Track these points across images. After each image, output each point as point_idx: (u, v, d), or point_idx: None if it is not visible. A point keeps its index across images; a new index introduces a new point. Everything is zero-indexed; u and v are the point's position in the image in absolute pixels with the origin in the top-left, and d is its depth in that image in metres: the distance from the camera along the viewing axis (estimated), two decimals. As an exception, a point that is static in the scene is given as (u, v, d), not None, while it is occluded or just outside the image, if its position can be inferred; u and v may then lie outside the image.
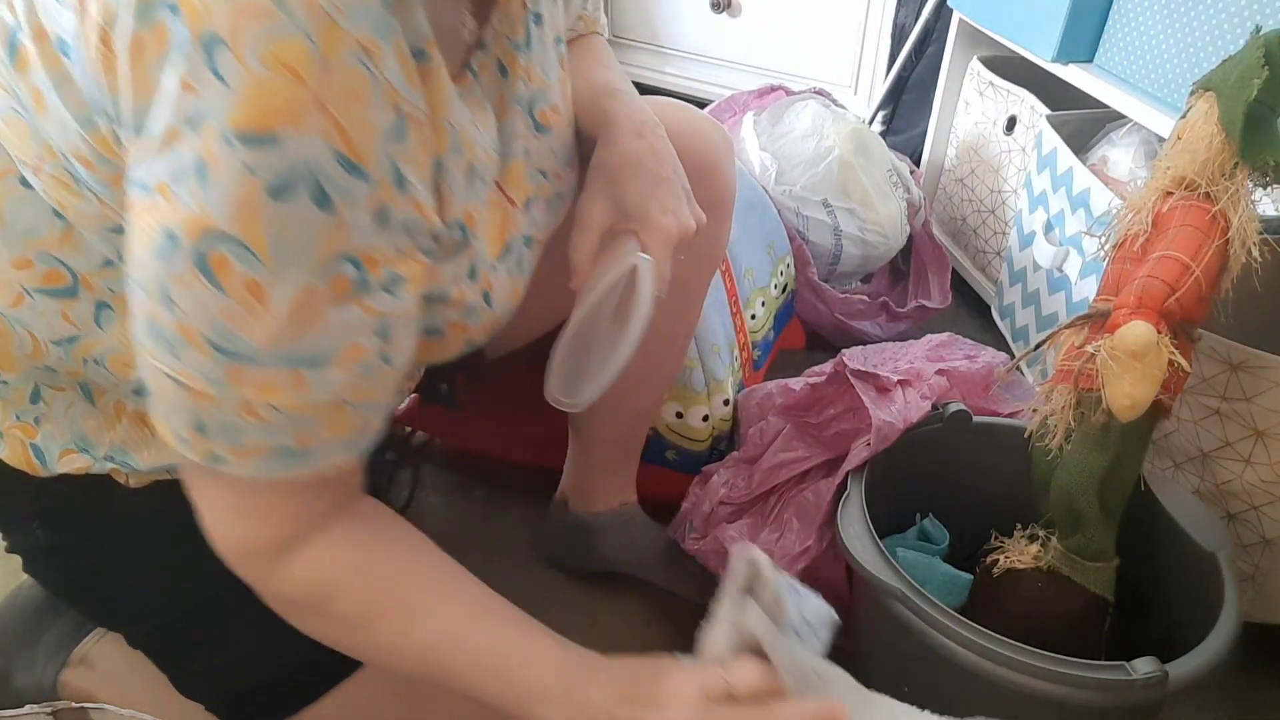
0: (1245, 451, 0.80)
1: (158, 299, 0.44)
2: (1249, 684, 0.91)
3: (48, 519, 0.65)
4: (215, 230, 0.42)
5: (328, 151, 0.42)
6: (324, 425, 0.49)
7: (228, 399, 0.46)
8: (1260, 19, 0.89)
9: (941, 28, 1.61)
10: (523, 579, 1.00)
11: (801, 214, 1.34)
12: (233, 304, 0.43)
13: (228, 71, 0.39)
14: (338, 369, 0.47)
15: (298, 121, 0.40)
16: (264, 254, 0.42)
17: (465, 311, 0.57)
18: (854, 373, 0.87)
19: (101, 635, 0.77)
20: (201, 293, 0.43)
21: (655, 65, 2.09)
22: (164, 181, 0.42)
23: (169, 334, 0.45)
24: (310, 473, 0.51)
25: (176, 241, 0.42)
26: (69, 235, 0.53)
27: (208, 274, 0.42)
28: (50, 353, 0.58)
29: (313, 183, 0.42)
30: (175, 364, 0.45)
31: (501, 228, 0.60)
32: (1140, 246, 0.73)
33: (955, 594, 0.80)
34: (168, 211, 0.42)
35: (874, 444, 0.80)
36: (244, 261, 0.42)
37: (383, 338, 0.49)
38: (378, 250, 0.46)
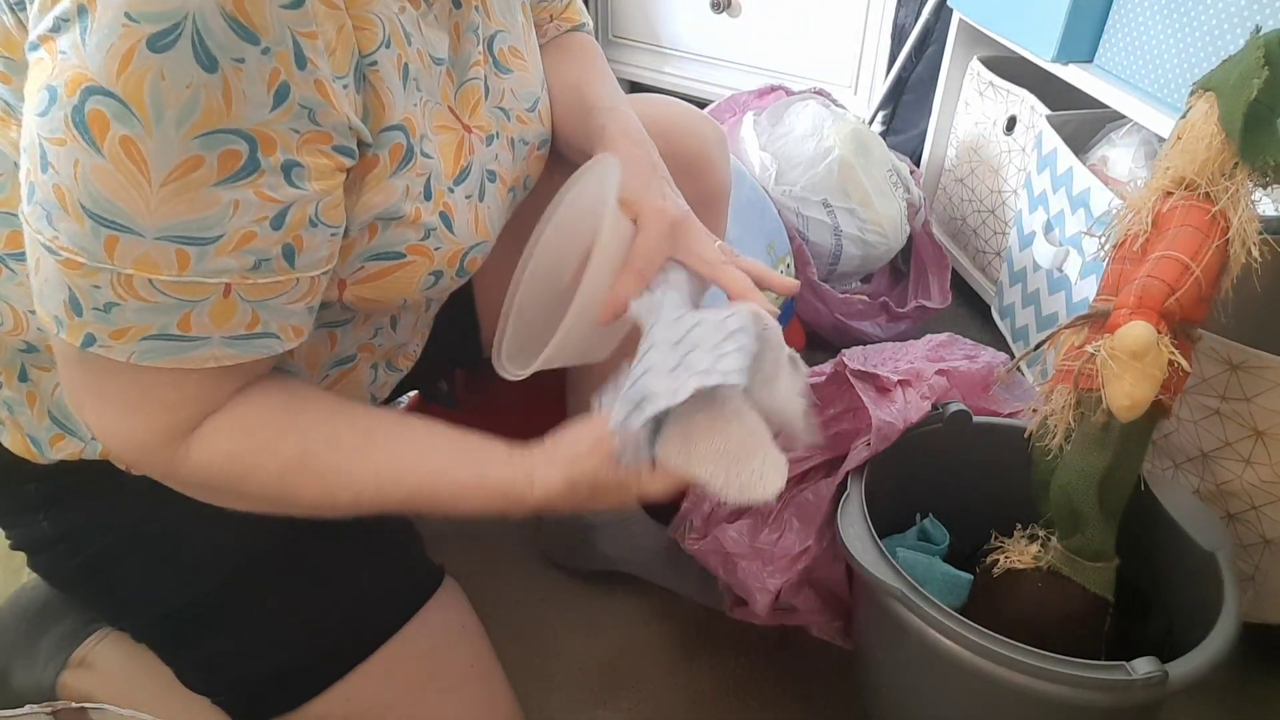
0: (1245, 451, 0.80)
1: (36, 161, 0.43)
2: (1249, 684, 0.91)
3: (52, 510, 0.65)
4: (93, 83, 0.40)
5: (213, 5, 0.40)
6: (209, 313, 0.48)
7: (104, 273, 0.44)
8: (1260, 19, 0.89)
9: (941, 28, 1.61)
10: (523, 579, 1.00)
11: (801, 214, 1.34)
12: (109, 166, 0.42)
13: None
14: (226, 254, 0.46)
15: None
16: (143, 113, 0.41)
17: (423, 232, 0.56)
18: (854, 373, 0.87)
19: (102, 638, 0.77)
20: (77, 152, 0.41)
21: (655, 65, 2.09)
22: (47, 34, 0.41)
23: (46, 199, 0.43)
24: (194, 363, 0.49)
25: (55, 96, 0.41)
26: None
27: (84, 131, 0.41)
28: (29, 325, 0.57)
29: (196, 38, 0.40)
30: (51, 232, 0.44)
31: (457, 150, 0.59)
32: (1140, 246, 0.73)
33: (955, 594, 0.80)
34: (49, 66, 0.41)
35: (874, 444, 0.80)
36: (121, 120, 0.41)
37: (278, 228, 0.47)
38: (273, 130, 0.44)
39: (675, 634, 0.96)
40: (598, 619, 0.97)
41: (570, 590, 1.00)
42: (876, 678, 0.81)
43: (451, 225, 0.59)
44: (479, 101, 0.63)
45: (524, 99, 0.68)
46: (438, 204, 0.57)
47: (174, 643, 0.69)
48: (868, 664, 0.82)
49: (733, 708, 0.89)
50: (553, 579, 1.01)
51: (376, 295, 0.59)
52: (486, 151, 0.63)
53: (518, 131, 0.67)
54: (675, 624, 0.97)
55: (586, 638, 0.95)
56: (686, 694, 0.90)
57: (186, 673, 0.70)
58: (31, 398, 0.61)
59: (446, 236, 0.58)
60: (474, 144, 0.61)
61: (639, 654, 0.94)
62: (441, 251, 0.59)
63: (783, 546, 0.85)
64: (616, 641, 0.95)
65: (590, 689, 0.90)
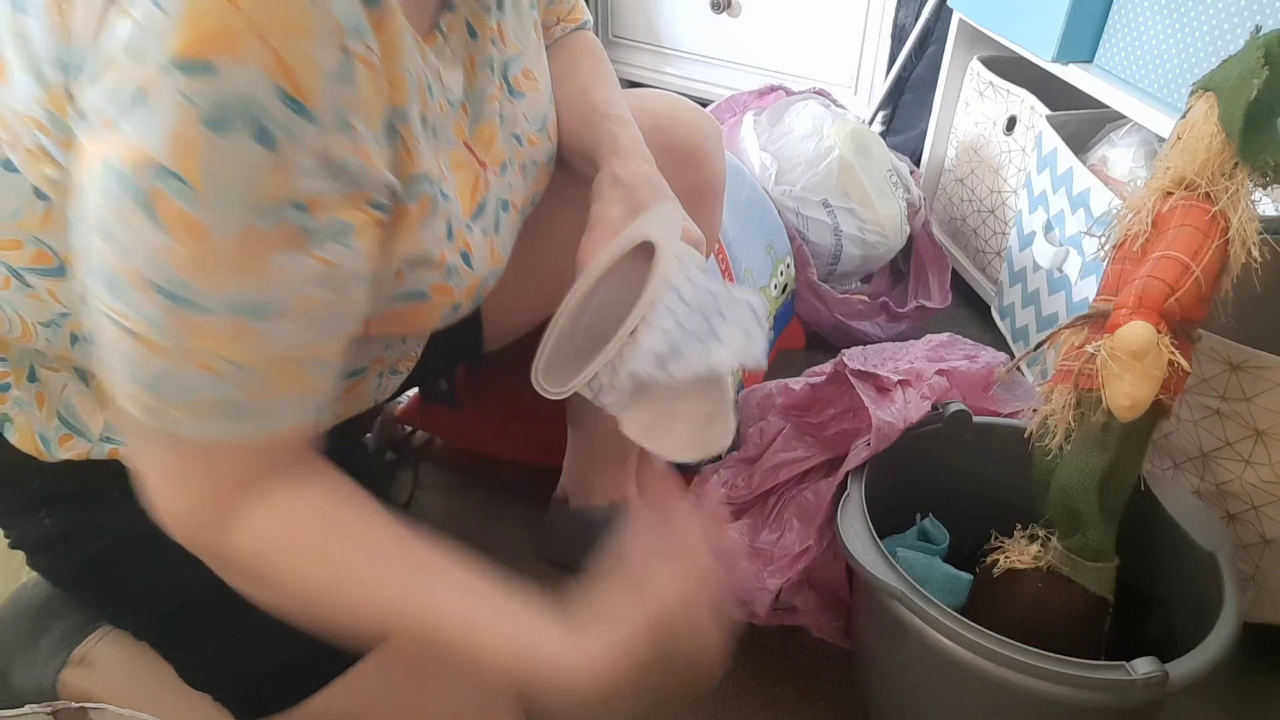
0: (1245, 451, 0.80)
1: (101, 236, 0.43)
2: (1249, 684, 0.91)
3: (54, 508, 0.65)
4: (153, 162, 0.41)
5: (268, 86, 0.41)
6: (274, 381, 0.48)
7: (174, 348, 0.45)
8: (1260, 19, 0.89)
9: (941, 28, 1.61)
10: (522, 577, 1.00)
11: (801, 214, 1.34)
12: (172, 243, 0.42)
13: (165, 1, 0.39)
14: (287, 320, 0.46)
15: (235, 50, 0.40)
16: (202, 189, 0.41)
17: (446, 272, 0.57)
18: (854, 373, 0.87)
19: (102, 636, 0.77)
20: (142, 230, 0.42)
21: (655, 65, 2.09)
22: (104, 111, 0.41)
23: (114, 275, 0.44)
24: (262, 433, 0.49)
25: (116, 174, 0.41)
26: (50, 215, 0.52)
27: (147, 209, 0.41)
28: (38, 335, 0.58)
29: (252, 118, 0.41)
30: (121, 308, 0.44)
31: (473, 187, 0.60)
32: (1140, 246, 0.73)
33: (955, 594, 0.80)
34: (108, 143, 0.41)
35: (874, 444, 0.80)
36: (182, 197, 0.41)
37: (334, 290, 0.48)
38: (324, 196, 0.45)
39: (675, 634, 0.96)
40: (598, 619, 0.97)
41: (570, 590, 1.00)
42: (876, 678, 0.81)
43: (470, 261, 0.59)
44: (495, 134, 0.63)
45: (534, 120, 0.68)
46: (458, 243, 0.58)
47: (175, 641, 0.69)
48: (868, 664, 0.82)
49: (733, 708, 0.89)
50: (553, 579, 1.01)
51: (398, 329, 0.59)
52: (500, 181, 0.64)
53: (529, 154, 0.68)
54: (675, 624, 0.97)
55: (586, 638, 0.95)
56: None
57: (187, 670, 0.69)
58: (40, 398, 0.62)
59: (466, 273, 0.59)
60: (489, 178, 0.62)
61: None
62: (461, 287, 0.59)
63: (783, 546, 0.85)
64: (616, 641, 0.95)
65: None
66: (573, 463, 0.99)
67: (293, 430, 0.51)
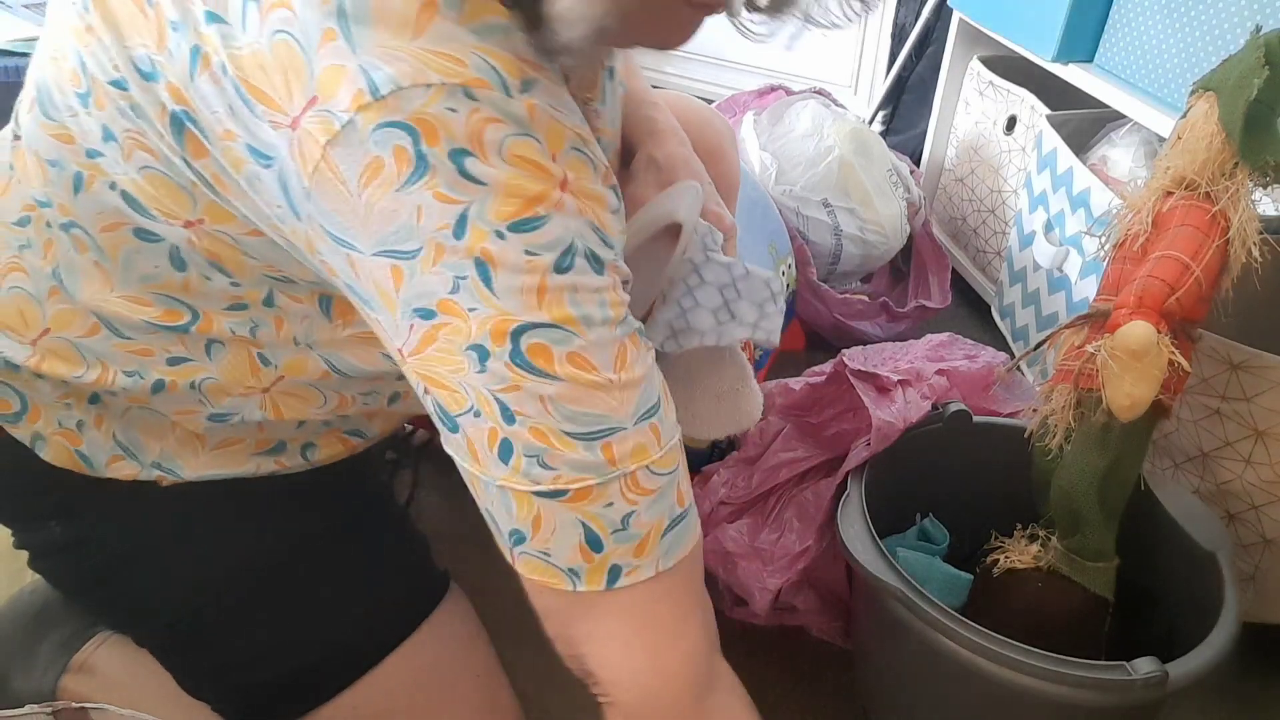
0: (1245, 451, 0.80)
1: (497, 416, 0.43)
2: (1249, 684, 0.91)
3: (64, 515, 0.65)
4: (519, 323, 0.42)
5: (585, 224, 0.43)
6: (684, 478, 0.49)
7: (613, 483, 0.45)
8: (1260, 19, 0.89)
9: (941, 28, 1.61)
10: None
11: (801, 214, 1.34)
12: (569, 386, 0.43)
13: (480, 174, 0.40)
14: (666, 407, 0.48)
15: (554, 201, 0.42)
16: (573, 325, 0.43)
17: None
18: (854, 373, 0.87)
19: (101, 642, 0.77)
20: (536, 388, 0.43)
21: (655, 65, 2.09)
22: (445, 298, 0.42)
23: (528, 446, 0.44)
24: (695, 538, 0.49)
25: (485, 351, 0.42)
26: (189, 282, 0.53)
27: (531, 368, 0.42)
28: (116, 380, 0.58)
29: (584, 250, 0.43)
30: (547, 474, 0.44)
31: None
32: (1140, 246, 0.73)
33: (955, 594, 0.80)
34: (463, 327, 0.42)
35: (874, 444, 0.80)
36: (559, 341, 0.43)
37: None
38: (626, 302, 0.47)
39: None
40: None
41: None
42: (876, 678, 0.81)
43: None
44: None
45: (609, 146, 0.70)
46: None
47: (179, 649, 0.69)
48: (868, 664, 0.82)
49: (733, 708, 0.89)
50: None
51: None
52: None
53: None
54: (675, 624, 0.97)
55: (586, 638, 0.95)
56: (686, 694, 0.90)
57: (188, 678, 0.69)
58: (99, 420, 0.61)
59: None
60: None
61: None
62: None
63: (783, 546, 0.85)
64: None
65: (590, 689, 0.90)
66: None
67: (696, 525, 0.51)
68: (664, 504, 0.47)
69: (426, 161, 0.40)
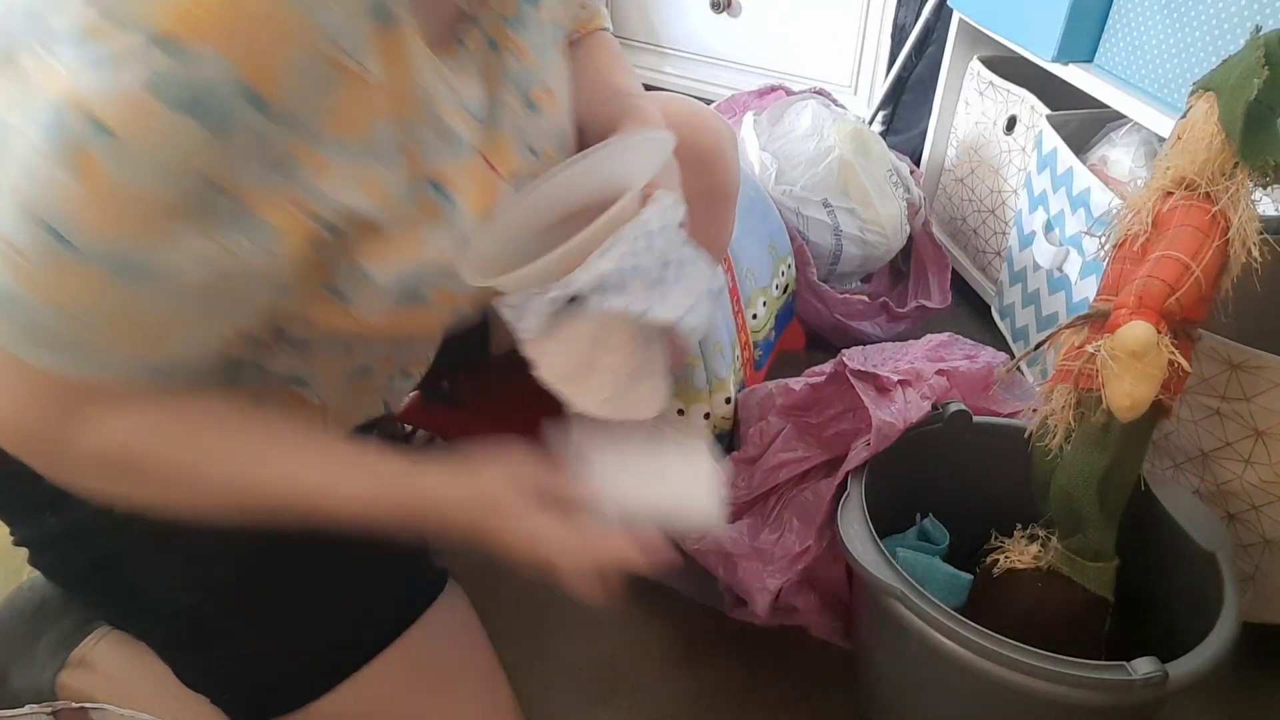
0: (1245, 451, 0.80)
1: (14, 160, 0.43)
2: (1249, 684, 0.91)
3: (61, 507, 0.65)
4: (92, 113, 0.41)
5: (233, 80, 0.42)
6: (115, 335, 0.48)
7: (38, 281, 0.45)
8: (1260, 19, 0.89)
9: (941, 28, 1.61)
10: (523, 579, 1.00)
11: (801, 214, 1.34)
12: (78, 186, 0.43)
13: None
14: (157, 288, 0.46)
15: (212, 37, 0.41)
16: (128, 147, 0.42)
17: (448, 276, 0.57)
18: (854, 373, 0.87)
19: (101, 637, 0.77)
20: (54, 169, 0.42)
21: (655, 65, 2.09)
22: (69, 59, 0.42)
23: (12, 200, 0.44)
24: (93, 375, 0.49)
25: (55, 110, 0.42)
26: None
27: (67, 153, 0.42)
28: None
29: (207, 108, 0.42)
30: (6, 232, 0.44)
31: (483, 194, 0.60)
32: (1140, 246, 0.73)
33: (955, 594, 0.80)
34: (59, 80, 0.42)
35: (874, 444, 0.80)
36: (105, 150, 0.42)
37: (220, 277, 0.47)
38: (250, 188, 0.45)
39: (675, 634, 0.96)
40: (597, 619, 0.97)
41: (570, 590, 1.00)
42: (876, 678, 0.81)
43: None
44: (509, 145, 0.63)
45: (552, 137, 0.68)
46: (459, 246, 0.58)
47: (178, 643, 0.69)
48: (868, 664, 0.82)
49: (733, 708, 0.89)
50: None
51: (396, 331, 0.59)
52: (512, 193, 0.64)
53: (545, 169, 0.68)
54: (675, 624, 0.97)
55: (586, 638, 0.95)
56: (686, 694, 0.90)
57: (188, 672, 0.69)
58: None
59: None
60: (499, 187, 0.62)
61: (639, 654, 0.94)
62: (465, 293, 0.59)
63: (783, 546, 0.85)
64: (616, 641, 0.95)
65: (590, 689, 0.90)
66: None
67: (130, 380, 0.51)
68: (63, 325, 0.46)
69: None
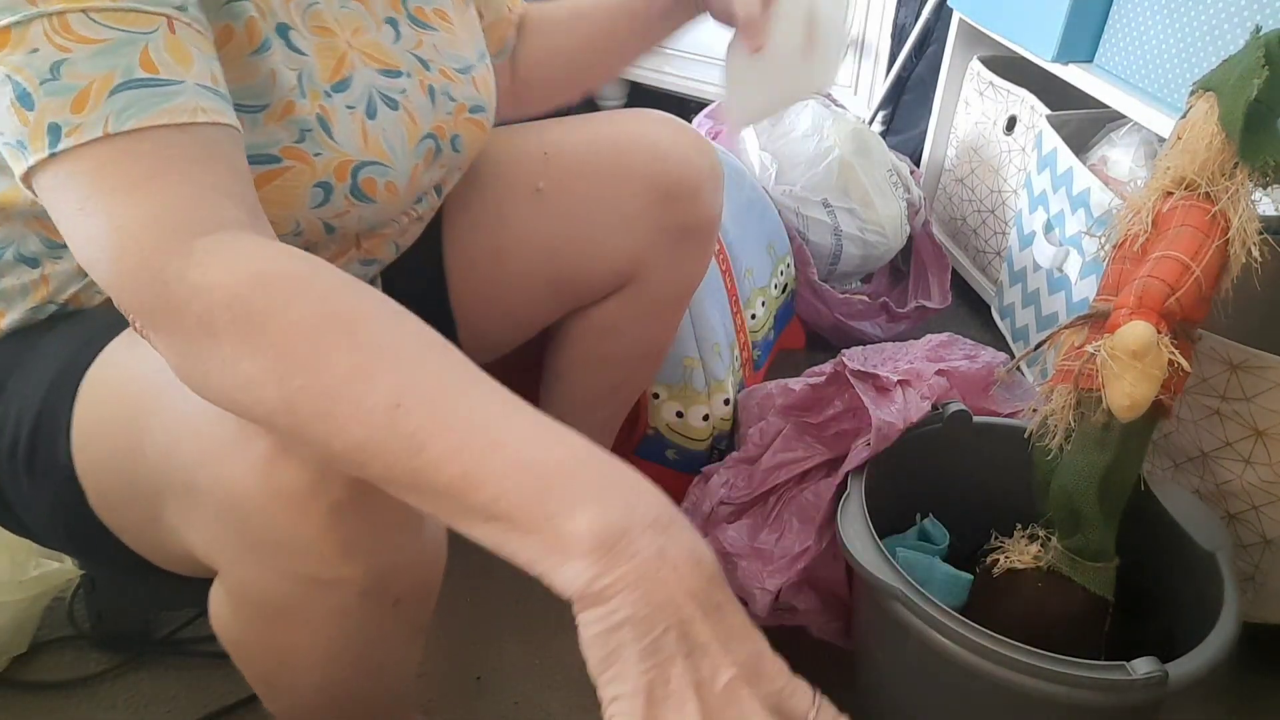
0: (1245, 451, 0.80)
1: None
2: (1249, 684, 0.91)
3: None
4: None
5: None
6: (166, 50, 0.43)
7: (35, 24, 0.41)
8: (1260, 19, 0.89)
9: (941, 28, 1.61)
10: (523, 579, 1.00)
11: (801, 214, 1.34)
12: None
13: None
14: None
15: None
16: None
17: (296, 133, 0.55)
18: (854, 373, 0.87)
19: None
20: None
21: (655, 65, 2.09)
22: None
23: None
24: (179, 114, 0.43)
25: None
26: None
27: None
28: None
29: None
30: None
31: (337, 60, 0.59)
32: (1140, 246, 0.73)
33: (955, 594, 0.80)
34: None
35: (874, 444, 0.80)
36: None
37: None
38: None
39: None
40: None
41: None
42: (876, 678, 0.81)
43: (330, 130, 0.57)
44: (365, 29, 0.63)
45: (451, 59, 0.69)
46: (314, 105, 0.57)
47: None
48: (868, 664, 0.82)
49: (733, 708, 0.89)
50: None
51: (271, 208, 0.53)
52: (383, 80, 0.63)
53: (439, 83, 0.68)
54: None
55: (586, 638, 0.95)
56: (686, 694, 0.90)
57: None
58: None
59: (325, 142, 0.57)
60: (356, 62, 0.61)
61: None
62: (322, 159, 0.57)
63: (783, 546, 0.85)
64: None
65: (590, 689, 0.90)
66: None
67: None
68: (114, 60, 0.42)
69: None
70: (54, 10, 0.42)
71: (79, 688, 0.87)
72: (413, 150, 0.66)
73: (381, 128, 0.62)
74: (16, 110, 0.42)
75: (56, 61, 0.42)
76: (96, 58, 0.42)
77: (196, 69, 0.45)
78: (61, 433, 0.54)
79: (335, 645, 0.54)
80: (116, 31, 0.43)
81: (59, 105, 0.42)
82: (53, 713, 0.85)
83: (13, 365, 0.59)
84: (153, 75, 0.43)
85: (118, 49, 0.43)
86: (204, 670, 0.88)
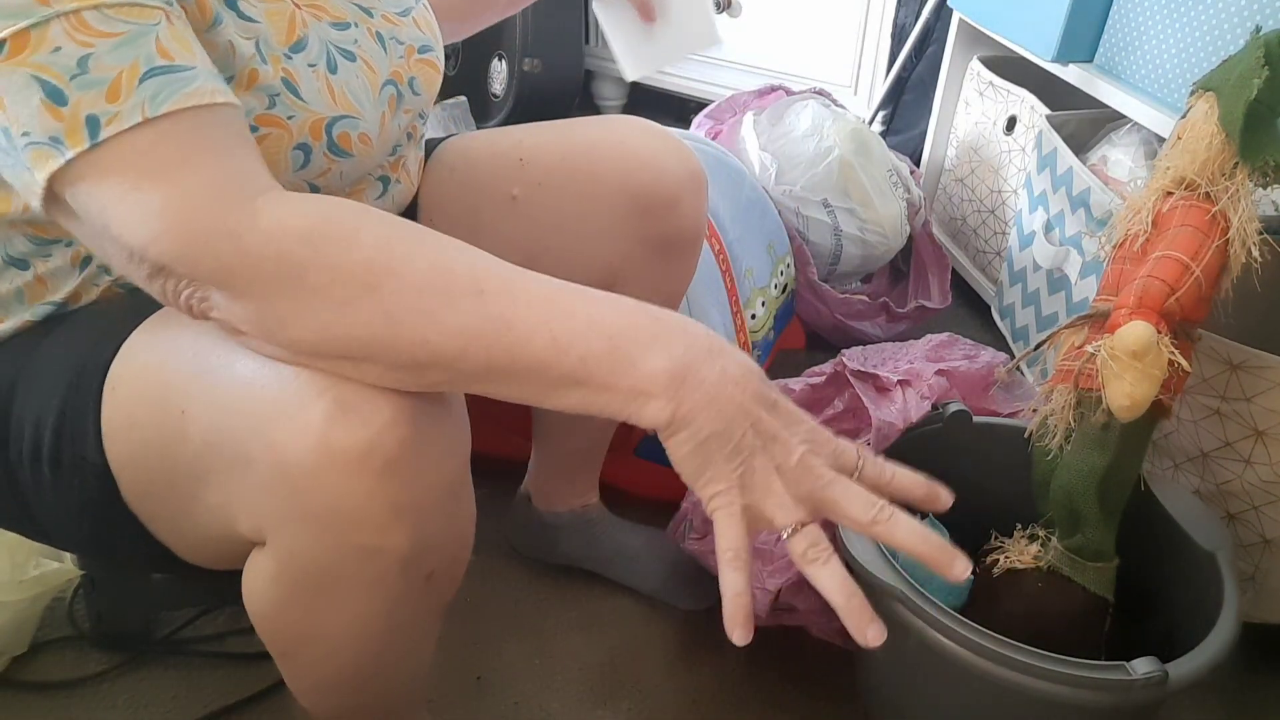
0: (1245, 451, 0.80)
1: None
2: (1249, 684, 0.91)
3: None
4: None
5: None
6: (173, 39, 0.46)
7: (53, 25, 0.43)
8: (1260, 19, 0.89)
9: (941, 28, 1.62)
10: (523, 579, 1.00)
11: (801, 214, 1.34)
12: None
13: None
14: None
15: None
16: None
17: (266, 100, 0.56)
18: (854, 373, 0.87)
19: None
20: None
21: (655, 65, 2.09)
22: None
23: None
24: (202, 96, 0.46)
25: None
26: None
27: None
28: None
29: None
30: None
31: (289, 22, 0.60)
32: (1140, 246, 0.73)
33: (955, 594, 0.80)
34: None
35: (874, 444, 0.80)
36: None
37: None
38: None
39: (675, 634, 0.96)
40: (597, 619, 0.97)
41: (570, 590, 1.00)
42: (876, 678, 0.81)
43: (298, 91, 0.58)
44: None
45: (389, 3, 0.69)
46: (276, 69, 0.57)
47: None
48: (868, 664, 0.82)
49: (733, 708, 0.89)
50: (553, 579, 1.01)
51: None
52: (335, 33, 0.64)
53: (385, 28, 0.68)
54: (675, 624, 0.97)
55: (586, 638, 0.95)
56: (686, 694, 0.90)
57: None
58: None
59: (295, 104, 0.58)
60: (308, 19, 0.62)
61: (639, 654, 0.94)
62: (296, 120, 0.58)
63: (783, 546, 0.85)
64: (616, 641, 0.95)
65: (589, 689, 0.90)
66: (537, 470, 0.99)
67: (216, 93, 0.47)
68: (135, 51, 0.44)
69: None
70: (68, 9, 0.43)
71: (79, 688, 0.87)
72: (377, 99, 0.66)
73: (345, 81, 0.63)
74: (48, 108, 0.43)
75: (83, 56, 0.44)
76: (118, 50, 0.44)
77: (199, 55, 0.48)
78: (89, 430, 0.55)
79: (369, 618, 0.55)
80: (129, 24, 0.45)
81: (94, 97, 0.44)
82: (53, 713, 0.85)
83: (16, 373, 0.59)
84: (170, 62, 0.46)
85: (135, 40, 0.45)
86: (204, 670, 0.88)
